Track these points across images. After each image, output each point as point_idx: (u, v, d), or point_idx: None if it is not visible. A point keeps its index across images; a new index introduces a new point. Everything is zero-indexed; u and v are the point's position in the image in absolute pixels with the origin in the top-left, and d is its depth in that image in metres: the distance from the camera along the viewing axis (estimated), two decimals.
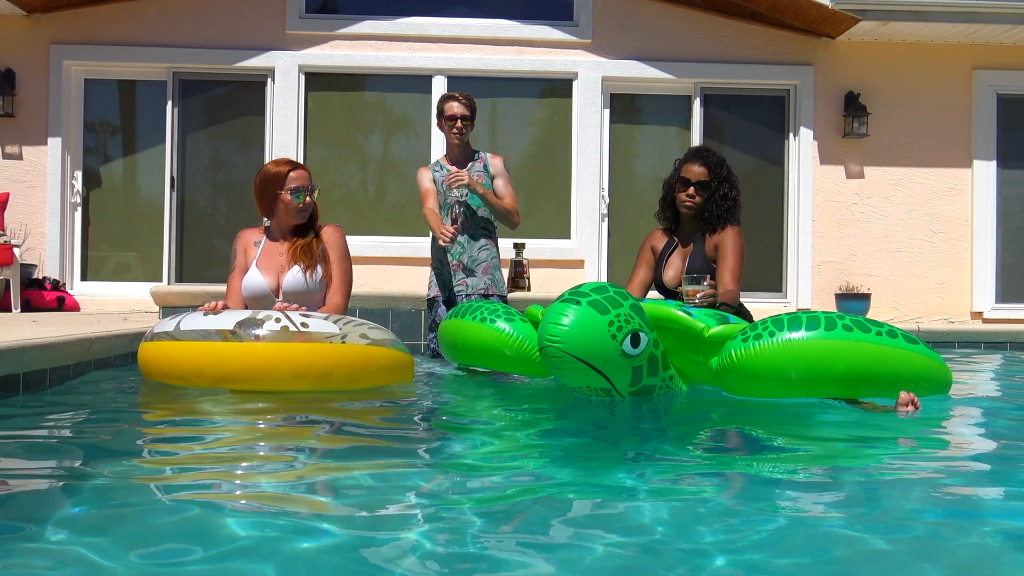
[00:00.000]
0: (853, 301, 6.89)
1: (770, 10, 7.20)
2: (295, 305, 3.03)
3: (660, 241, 3.64)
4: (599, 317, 2.54)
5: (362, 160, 7.28)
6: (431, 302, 4.41)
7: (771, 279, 7.37)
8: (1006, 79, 7.37)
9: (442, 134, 4.85)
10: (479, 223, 4.32)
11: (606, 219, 7.23)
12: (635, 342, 2.58)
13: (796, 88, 7.33)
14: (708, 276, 2.98)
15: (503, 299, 4.37)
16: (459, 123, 4.23)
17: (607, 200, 7.24)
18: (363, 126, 7.29)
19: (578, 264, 7.06)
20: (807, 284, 7.22)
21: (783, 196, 7.39)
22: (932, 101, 7.35)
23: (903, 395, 2.67)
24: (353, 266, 3.52)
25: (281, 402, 2.80)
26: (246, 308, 3.22)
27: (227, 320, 2.83)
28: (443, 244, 3.97)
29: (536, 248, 7.00)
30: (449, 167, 4.32)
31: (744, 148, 7.52)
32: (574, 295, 2.61)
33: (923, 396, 2.74)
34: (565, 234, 7.19)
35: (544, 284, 6.73)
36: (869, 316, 6.88)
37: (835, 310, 7.03)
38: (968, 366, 4.67)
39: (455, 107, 4.24)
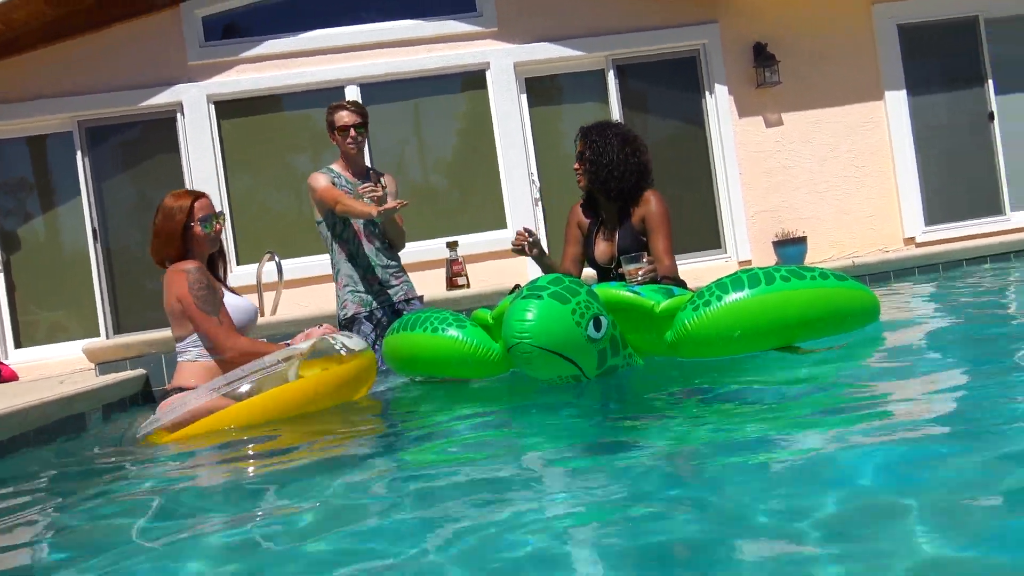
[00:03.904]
0: (790, 246, 7.04)
1: None
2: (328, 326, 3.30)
3: (584, 216, 3.64)
4: (562, 307, 2.58)
5: (287, 181, 7.17)
6: (350, 321, 4.23)
7: (709, 237, 7.48)
8: (904, 9, 7.57)
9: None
10: (379, 234, 4.23)
11: (539, 203, 7.25)
12: (597, 326, 2.63)
13: (705, 47, 7.42)
14: (645, 253, 3.02)
15: (421, 300, 4.33)
16: (352, 131, 4.08)
17: (538, 184, 7.26)
18: (282, 147, 7.18)
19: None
20: (744, 236, 7.35)
21: (708, 154, 7.49)
22: (837, 41, 7.52)
23: None
24: (288, 290, 3.49)
25: (240, 441, 2.75)
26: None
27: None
28: (379, 213, 3.72)
29: (473, 242, 6.99)
30: (348, 177, 4.18)
31: (663, 113, 7.60)
32: (533, 290, 2.65)
33: (859, 326, 2.86)
34: (501, 224, 7.19)
35: (487, 277, 6.72)
36: (807, 257, 7.09)
37: (774, 258, 7.20)
38: (903, 299, 4.81)
39: (345, 116, 4.10)
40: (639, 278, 2.93)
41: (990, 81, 7.71)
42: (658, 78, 7.53)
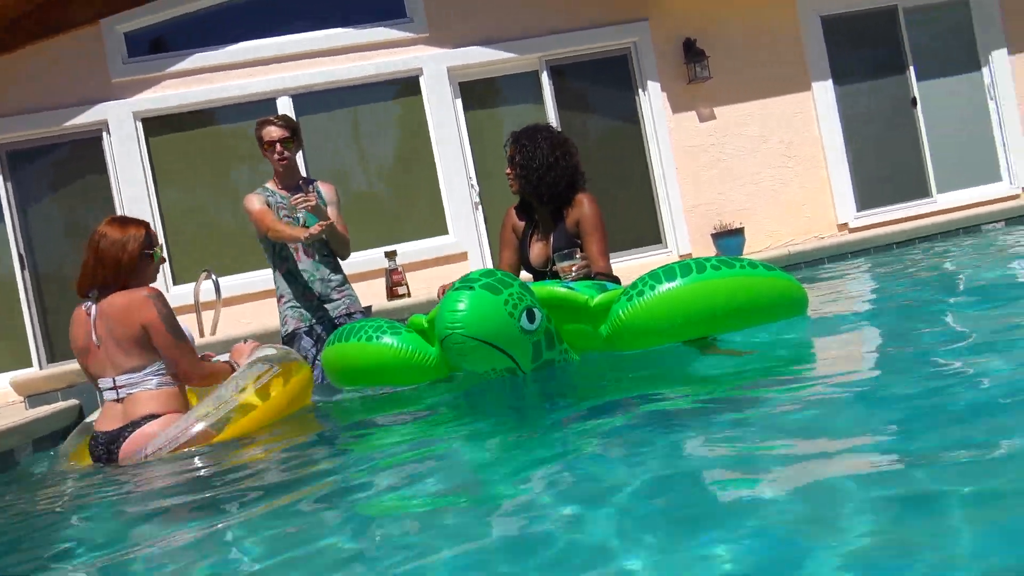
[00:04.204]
0: (728, 238, 7.15)
1: None
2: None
3: (518, 220, 3.64)
4: (494, 298, 2.58)
5: (223, 197, 7.03)
6: (290, 337, 4.16)
7: (649, 233, 7.55)
8: (826, 1, 7.75)
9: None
10: (324, 247, 4.18)
11: (479, 207, 7.24)
12: (531, 317, 2.63)
13: (636, 45, 7.50)
14: (577, 249, 3.03)
15: (365, 314, 4.27)
16: (278, 147, 4.04)
17: (477, 189, 7.25)
18: (217, 162, 7.04)
19: (461, 258, 7.05)
20: (683, 230, 7.44)
21: (644, 150, 7.56)
22: (763, 34, 7.66)
23: None
24: (228, 307, 3.44)
25: (180, 466, 2.68)
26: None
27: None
28: (307, 237, 3.71)
29: (416, 250, 6.95)
30: (282, 192, 4.14)
31: (599, 111, 7.66)
32: (465, 282, 2.64)
33: (787, 316, 2.91)
34: (442, 230, 7.16)
35: (432, 285, 6.68)
36: (746, 248, 7.20)
37: (713, 250, 7.30)
38: (834, 285, 4.92)
39: (271, 132, 4.04)
40: (573, 274, 2.94)
41: (911, 68, 7.94)
42: (592, 77, 7.59)
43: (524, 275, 3.66)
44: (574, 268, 2.94)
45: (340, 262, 4.28)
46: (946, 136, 7.96)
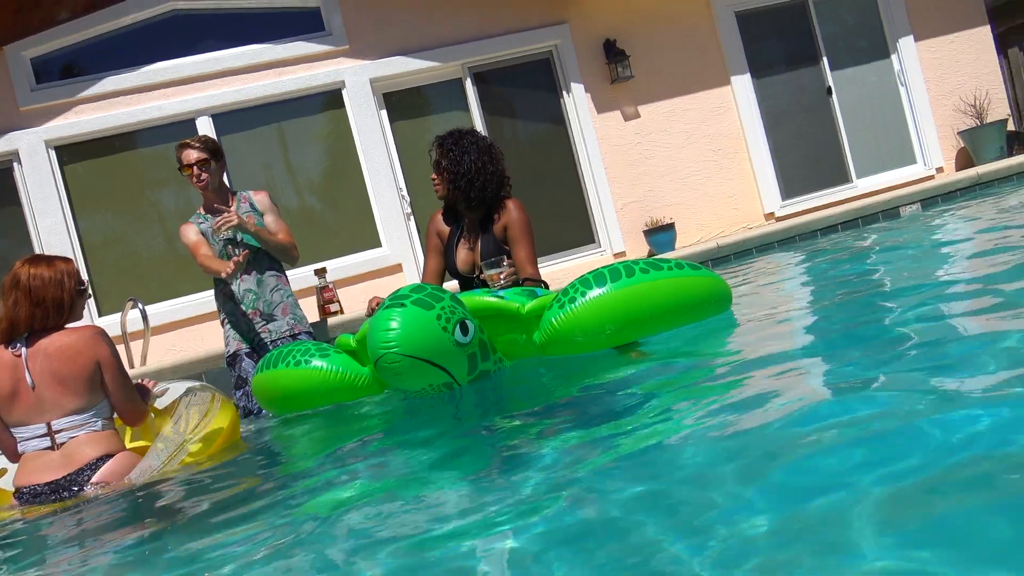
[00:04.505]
0: (660, 233, 7.25)
1: None
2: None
3: (444, 225, 3.61)
4: (426, 313, 2.55)
5: (147, 221, 6.84)
6: (232, 358, 4.10)
7: (583, 233, 7.60)
8: None
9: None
10: (263, 264, 4.10)
11: (411, 217, 7.19)
12: (464, 330, 2.61)
13: (557, 48, 7.55)
14: (505, 257, 3.02)
15: (311, 335, 4.21)
16: (195, 170, 3.97)
17: (408, 199, 7.20)
18: (138, 186, 6.84)
19: (396, 269, 6.99)
20: (616, 229, 7.51)
21: (572, 151, 7.62)
22: (681, 31, 7.79)
23: None
24: (158, 336, 3.35)
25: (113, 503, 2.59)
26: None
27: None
28: (228, 275, 3.70)
29: (349, 264, 6.87)
30: (222, 207, 4.07)
31: (525, 115, 7.70)
32: (395, 300, 2.61)
33: (714, 313, 2.97)
34: (375, 243, 7.09)
35: (367, 298, 6.60)
36: (677, 241, 7.31)
37: (646, 247, 7.40)
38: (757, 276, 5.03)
39: (187, 155, 3.95)
40: (501, 282, 2.94)
41: (824, 59, 8.17)
42: (516, 82, 7.62)
43: (450, 282, 3.64)
44: (502, 276, 2.94)
45: (287, 279, 4.21)
46: (861, 122, 8.21)
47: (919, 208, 6.34)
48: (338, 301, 5.26)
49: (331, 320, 4.89)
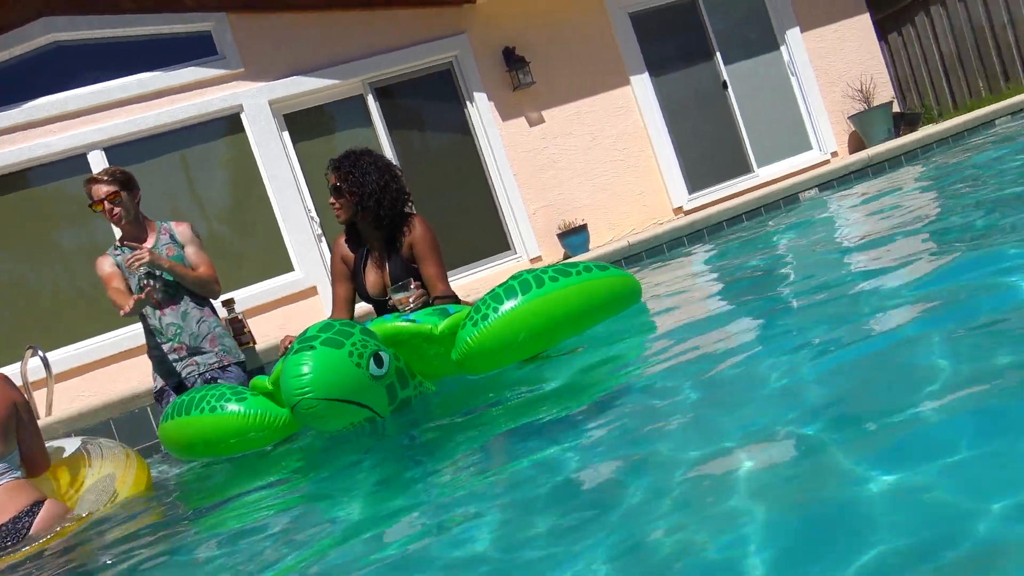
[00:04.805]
0: (573, 236, 7.31)
1: None
2: None
3: (348, 250, 3.53)
4: (338, 352, 2.49)
5: (45, 263, 6.52)
6: (159, 394, 4.00)
7: (498, 240, 7.62)
8: None
9: None
10: (186, 295, 3.98)
11: (323, 239, 7.08)
12: (379, 362, 2.56)
13: (457, 58, 7.55)
14: (412, 280, 2.98)
15: (242, 364, 4.09)
16: (106, 204, 3.83)
17: (318, 220, 7.08)
18: (29, 228, 6.52)
19: (311, 292, 6.86)
20: (530, 234, 7.55)
21: (481, 160, 7.63)
22: (578, 35, 7.90)
23: None
24: (63, 383, 3.21)
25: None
26: None
27: None
28: (125, 313, 3.56)
29: (263, 291, 6.72)
30: (128, 248, 3.93)
31: (430, 127, 7.67)
32: (304, 342, 2.53)
33: (626, 309, 3.01)
34: (287, 268, 6.95)
35: (284, 325, 6.48)
36: (591, 242, 7.39)
37: (561, 250, 7.45)
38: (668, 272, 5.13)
39: (96, 190, 3.80)
40: (411, 305, 2.90)
41: (718, 54, 8.40)
42: (418, 94, 7.58)
43: (364, 307, 3.58)
44: (411, 299, 2.89)
45: (213, 308, 4.07)
46: (757, 113, 8.47)
47: (817, 193, 6.57)
48: (249, 332, 5.12)
49: (259, 346, 4.75)
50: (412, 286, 2.92)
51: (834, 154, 8.53)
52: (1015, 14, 8.76)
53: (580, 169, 7.83)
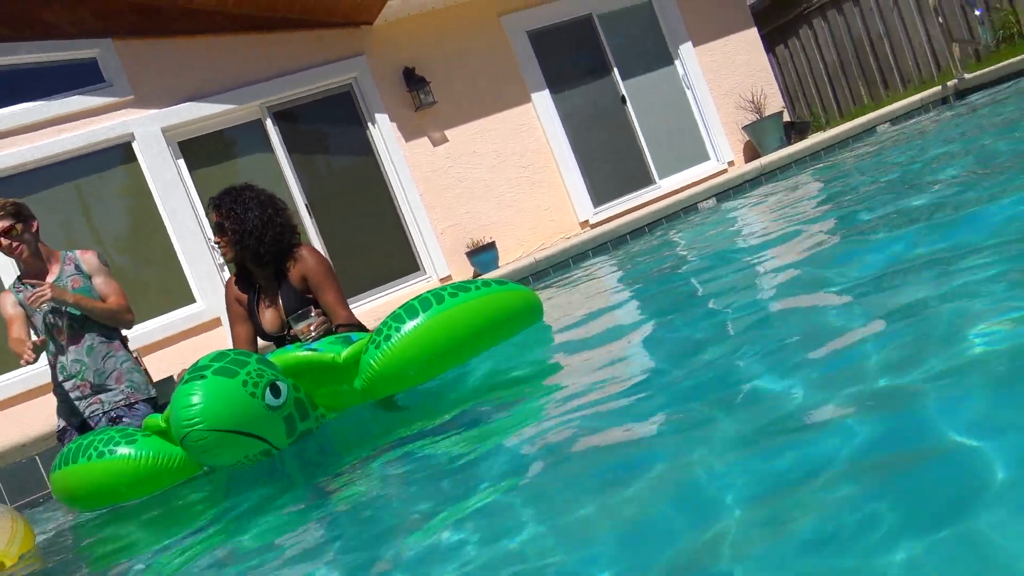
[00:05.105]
0: (482, 254, 7.33)
1: (304, 14, 7.25)
2: None
3: (240, 290, 3.42)
4: (230, 381, 2.40)
5: None
6: (62, 433, 3.77)
7: (407, 262, 7.56)
8: (527, 18, 8.19)
9: None
10: (93, 329, 3.77)
11: (224, 268, 6.88)
12: (276, 392, 2.48)
13: (357, 80, 7.50)
14: (312, 308, 2.91)
15: (153, 400, 3.89)
16: (3, 241, 3.64)
17: (219, 249, 6.87)
18: None
19: (215, 324, 6.65)
20: (439, 254, 7.53)
21: (385, 182, 7.57)
22: (478, 54, 7.95)
23: None
24: None
25: None
26: None
27: None
28: (27, 363, 3.39)
29: (163, 325, 6.48)
30: (31, 284, 3.71)
31: (332, 150, 7.58)
32: (195, 372, 2.43)
33: (527, 325, 3.02)
34: (189, 299, 6.72)
35: (188, 359, 6.24)
36: (500, 259, 7.41)
37: (471, 268, 7.45)
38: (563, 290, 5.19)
39: None
40: (312, 334, 2.82)
41: (615, 69, 8.59)
42: (318, 117, 7.49)
43: (264, 344, 3.48)
44: (312, 327, 2.82)
45: (123, 342, 3.86)
46: (656, 126, 8.69)
47: (715, 202, 6.76)
48: (144, 371, 4.94)
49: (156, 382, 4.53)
50: (312, 314, 2.84)
51: (731, 163, 8.81)
52: (889, 24, 9.27)
53: (486, 187, 7.86)
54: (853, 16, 9.55)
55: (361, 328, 3.17)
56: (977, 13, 7.13)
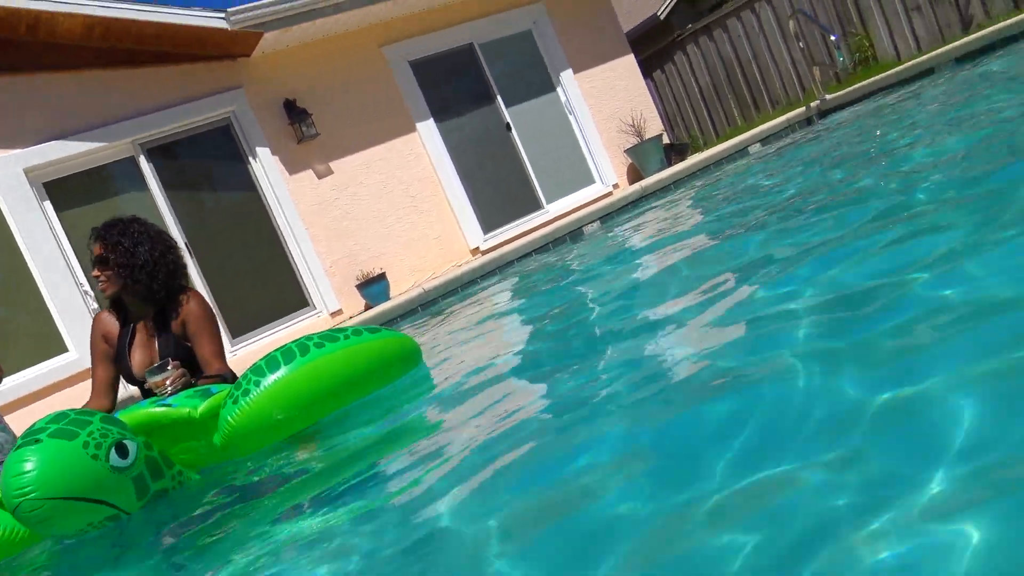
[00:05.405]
0: (373, 285, 7.25)
1: (177, 47, 7.05)
2: None
3: (113, 326, 3.23)
4: (69, 444, 2.25)
5: None
6: None
7: (295, 298, 7.41)
8: (409, 47, 8.20)
9: None
10: None
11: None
12: (122, 452, 2.34)
13: (235, 114, 7.33)
14: (170, 359, 2.79)
15: None
16: None
17: (91, 294, 6.58)
18: None
19: (86, 376, 6.34)
20: (328, 288, 7.41)
21: (270, 217, 7.41)
22: (361, 84, 7.90)
23: None
24: None
25: None
26: None
27: None
28: None
29: (32, 378, 6.14)
30: None
31: (212, 187, 7.38)
32: (29, 435, 2.27)
33: (404, 373, 2.98)
34: (60, 349, 6.38)
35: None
36: (392, 290, 7.34)
37: (362, 301, 7.36)
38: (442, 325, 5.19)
39: None
40: (169, 389, 2.71)
41: (499, 97, 8.69)
42: (196, 153, 7.28)
43: (131, 390, 3.33)
44: (168, 381, 2.71)
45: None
46: (542, 152, 8.83)
47: (599, 225, 6.91)
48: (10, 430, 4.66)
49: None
50: (170, 366, 2.72)
51: (615, 186, 9.02)
52: (756, 49, 9.72)
53: (374, 218, 7.79)
54: (723, 42, 9.97)
55: (230, 379, 3.06)
56: (833, 38, 7.56)
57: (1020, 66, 5.64)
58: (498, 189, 8.53)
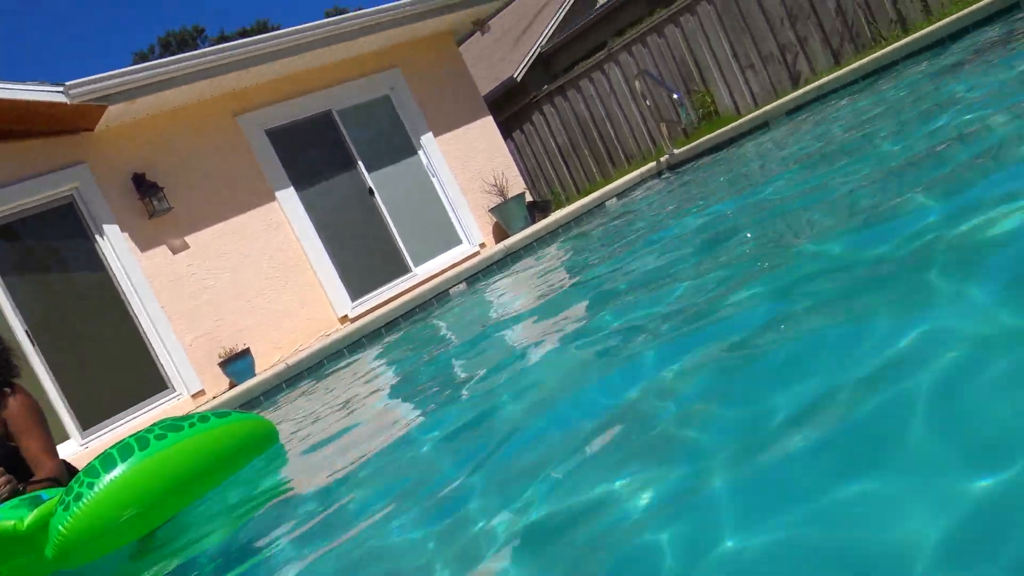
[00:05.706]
0: (236, 362, 6.98)
1: (11, 123, 6.67)
2: None
3: None
4: None
5: None
6: None
7: (153, 381, 7.02)
8: (264, 116, 8.09)
9: None
10: None
11: None
12: None
13: (79, 191, 6.98)
14: None
15: None
16: None
17: None
18: None
19: None
20: (188, 368, 7.07)
21: (121, 297, 7.04)
22: (215, 155, 7.70)
23: None
24: None
25: None
26: None
27: None
28: None
29: None
30: None
31: (57, 268, 6.95)
32: None
33: (260, 454, 2.87)
34: None
35: None
36: (258, 366, 7.08)
37: (225, 379, 7.07)
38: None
39: None
40: None
41: (360, 162, 8.67)
42: (36, 233, 6.86)
43: None
44: None
45: None
46: (407, 215, 8.83)
47: (465, 286, 6.93)
48: None
49: None
50: None
51: (482, 245, 9.11)
52: (608, 107, 10.16)
53: (236, 291, 7.54)
54: (577, 101, 10.37)
55: (72, 477, 2.85)
56: (675, 96, 7.99)
57: (785, 139, 6.16)
58: (364, 255, 8.45)
